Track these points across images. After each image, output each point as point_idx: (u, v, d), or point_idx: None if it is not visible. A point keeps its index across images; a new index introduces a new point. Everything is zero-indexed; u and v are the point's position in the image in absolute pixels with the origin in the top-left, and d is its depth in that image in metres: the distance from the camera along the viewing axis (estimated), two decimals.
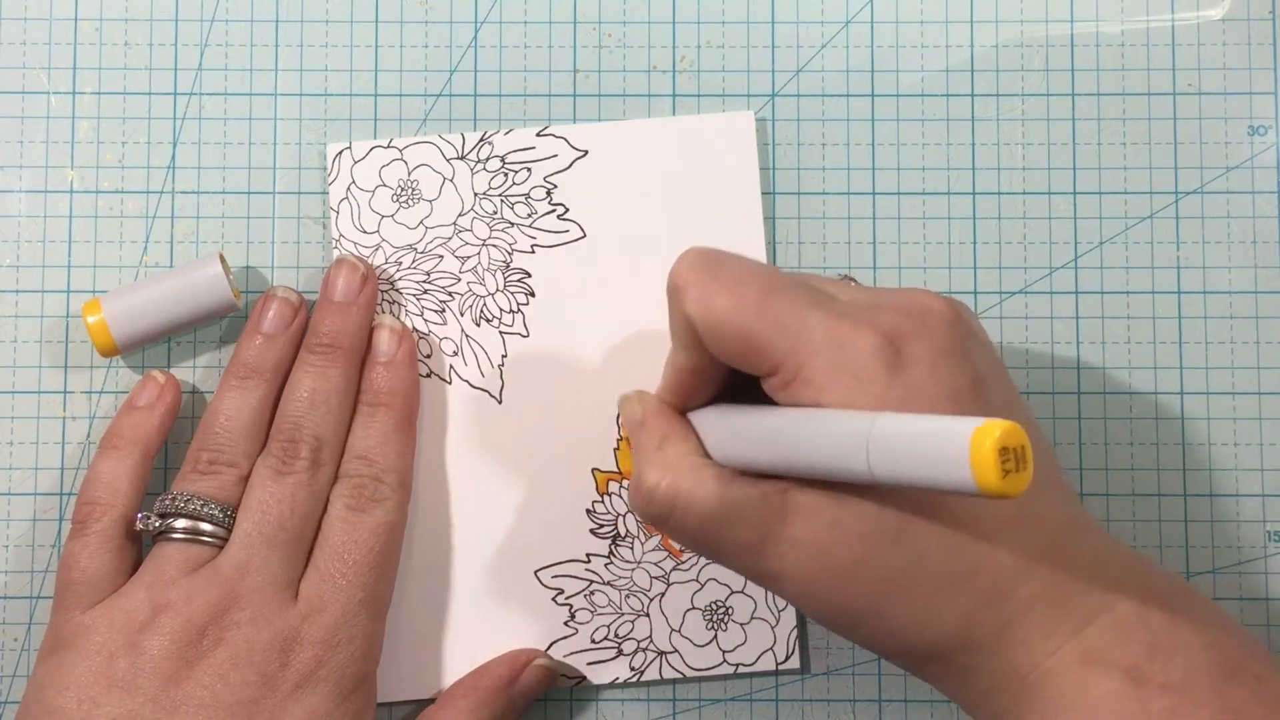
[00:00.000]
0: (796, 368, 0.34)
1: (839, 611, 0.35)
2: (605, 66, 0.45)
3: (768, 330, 0.34)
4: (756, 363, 0.34)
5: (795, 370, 0.34)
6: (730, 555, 0.35)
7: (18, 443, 0.44)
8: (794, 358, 0.34)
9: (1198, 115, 0.45)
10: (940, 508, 0.33)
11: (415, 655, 0.43)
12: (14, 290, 0.44)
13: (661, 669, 0.43)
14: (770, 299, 0.34)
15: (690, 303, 0.35)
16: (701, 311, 0.35)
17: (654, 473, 0.36)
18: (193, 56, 0.45)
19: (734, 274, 0.35)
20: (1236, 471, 0.44)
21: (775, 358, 0.34)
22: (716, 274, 0.35)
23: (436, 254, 0.44)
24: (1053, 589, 0.34)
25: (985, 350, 0.36)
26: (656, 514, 0.36)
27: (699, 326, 0.35)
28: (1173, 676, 0.33)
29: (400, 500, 0.41)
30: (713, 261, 0.35)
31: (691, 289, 0.35)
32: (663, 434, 0.37)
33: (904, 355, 0.34)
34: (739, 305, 0.34)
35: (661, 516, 0.36)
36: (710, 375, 0.37)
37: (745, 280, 0.35)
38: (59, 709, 0.38)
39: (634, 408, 0.39)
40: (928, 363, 0.34)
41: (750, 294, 0.34)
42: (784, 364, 0.34)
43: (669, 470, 0.35)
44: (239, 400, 0.41)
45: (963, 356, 0.34)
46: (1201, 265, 0.45)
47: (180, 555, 0.39)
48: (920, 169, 0.45)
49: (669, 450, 0.36)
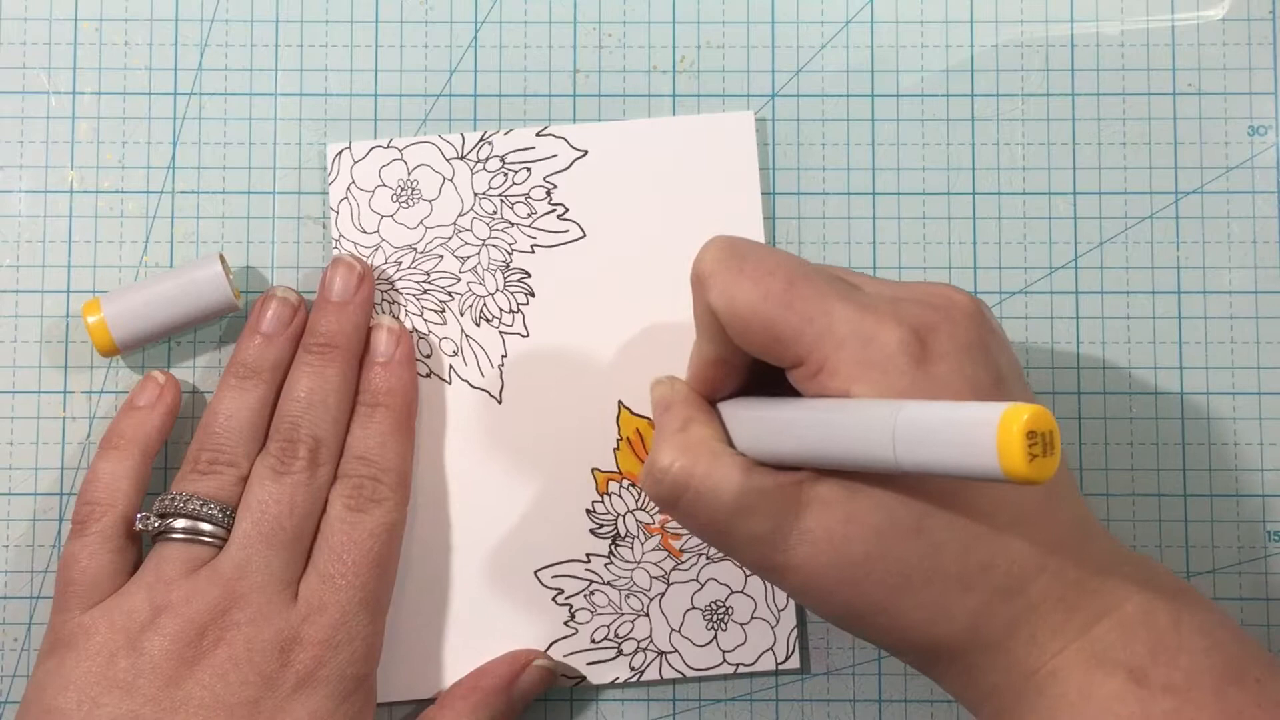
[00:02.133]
0: (822, 359, 0.34)
1: (848, 606, 0.34)
2: (605, 66, 0.45)
3: (793, 321, 0.34)
4: (781, 353, 0.34)
5: (821, 362, 0.34)
6: (740, 546, 0.35)
7: (18, 443, 0.44)
8: (819, 350, 0.34)
9: (1198, 115, 0.45)
10: (957, 501, 0.33)
11: (415, 655, 0.43)
12: (14, 290, 0.44)
13: (661, 669, 0.43)
14: (795, 289, 0.34)
15: (715, 293, 0.35)
16: (726, 302, 0.34)
17: (669, 453, 0.35)
18: (193, 56, 0.45)
19: (759, 264, 0.34)
20: (1236, 471, 0.44)
21: (800, 349, 0.34)
22: (742, 264, 0.35)
23: (436, 254, 0.44)
24: (1062, 588, 0.34)
25: (1005, 348, 0.36)
26: (666, 495, 0.35)
27: (723, 317, 0.35)
28: (1175, 678, 0.33)
29: (399, 500, 0.41)
30: (738, 251, 0.35)
31: (716, 279, 0.35)
32: (686, 417, 0.36)
33: (929, 349, 0.33)
34: (764, 296, 0.34)
35: (671, 498, 0.35)
36: (735, 366, 0.37)
37: (771, 270, 0.34)
38: (59, 709, 0.38)
39: (664, 390, 0.38)
40: (952, 357, 0.34)
41: (775, 285, 0.34)
42: (809, 356, 0.34)
43: (687, 452, 0.35)
44: (238, 400, 0.41)
45: (985, 352, 0.34)
46: (1201, 265, 0.45)
47: (180, 555, 0.39)
48: (920, 169, 0.45)
49: (691, 433, 0.36)
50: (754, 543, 0.35)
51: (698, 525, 0.35)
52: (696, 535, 0.36)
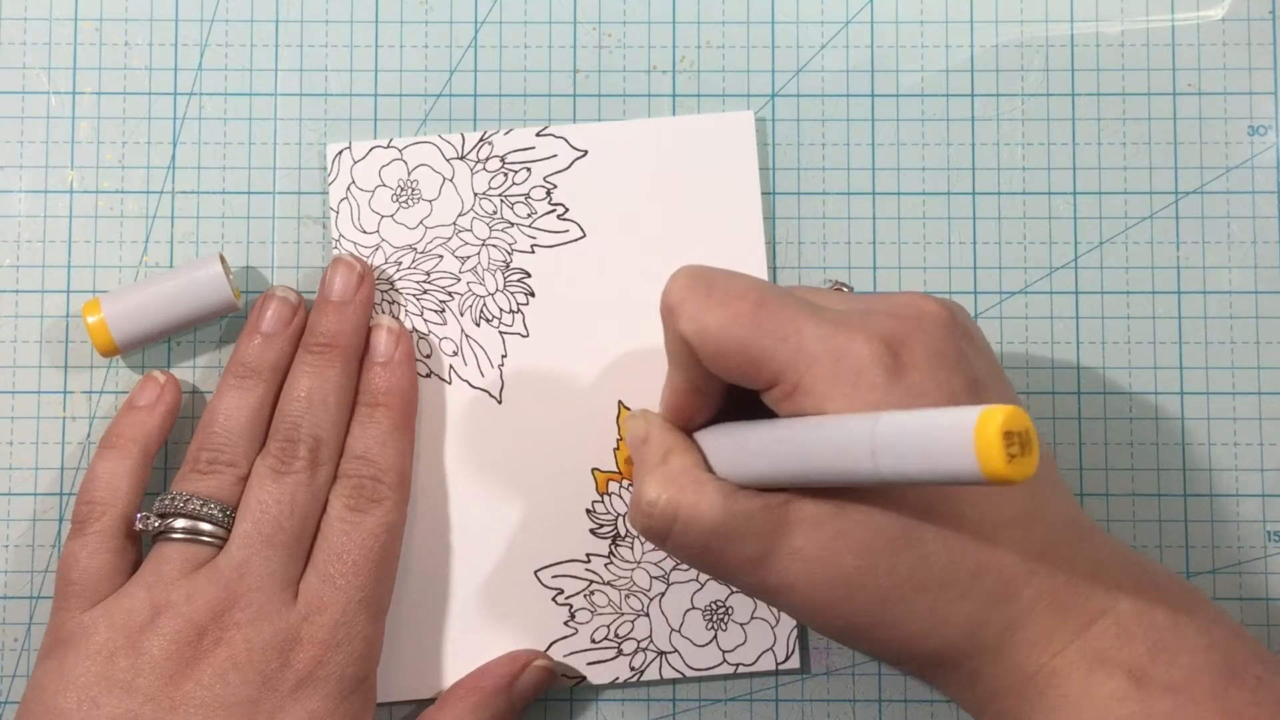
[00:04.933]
0: (796, 379, 0.34)
1: (845, 622, 0.35)
2: (605, 66, 0.45)
3: (764, 342, 0.34)
4: (755, 376, 0.34)
5: (795, 381, 0.34)
6: (733, 571, 0.35)
7: (18, 443, 0.44)
8: (793, 369, 0.34)
9: (1198, 115, 0.45)
10: (943, 510, 0.34)
11: (415, 655, 0.43)
12: (14, 290, 0.44)
13: (661, 669, 0.43)
14: (765, 311, 0.34)
15: (685, 320, 0.35)
16: (697, 328, 0.34)
17: (654, 487, 0.35)
18: (193, 56, 0.45)
19: (727, 289, 0.35)
20: (1236, 471, 0.44)
21: (774, 370, 0.34)
22: (710, 290, 0.35)
23: (436, 254, 0.44)
24: (1056, 589, 0.34)
25: (981, 352, 0.36)
26: (657, 528, 0.35)
27: (695, 344, 0.35)
28: (1175, 677, 0.33)
29: (399, 500, 0.41)
30: (706, 278, 0.35)
31: (686, 306, 0.35)
32: (666, 448, 0.37)
33: (902, 360, 0.34)
34: (734, 319, 0.34)
35: (662, 531, 0.35)
36: (709, 393, 0.37)
37: (740, 294, 0.34)
38: (59, 709, 0.38)
39: (638, 424, 0.38)
40: (926, 366, 0.34)
41: (744, 307, 0.34)
42: (783, 376, 0.34)
43: (671, 484, 0.35)
44: (238, 400, 0.41)
45: (958, 358, 0.34)
46: (1201, 265, 0.45)
47: (180, 555, 0.39)
48: (920, 169, 0.45)
49: (672, 464, 0.36)
50: (747, 566, 0.35)
51: (689, 555, 0.36)
52: (690, 565, 0.37)
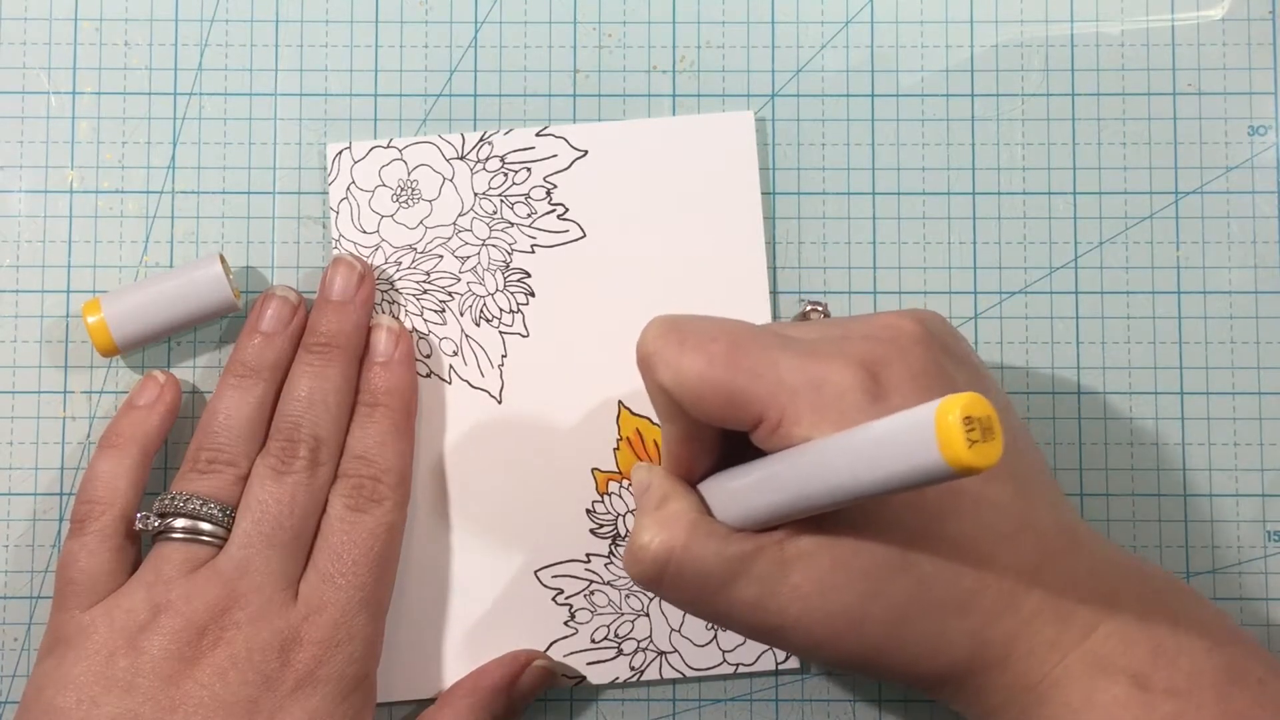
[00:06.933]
0: (779, 413, 0.33)
1: (849, 653, 0.34)
2: (605, 66, 0.45)
3: (741, 381, 0.34)
4: (739, 416, 0.34)
5: (779, 416, 0.33)
6: (733, 614, 0.35)
7: (18, 443, 0.44)
8: (774, 403, 0.33)
9: (1198, 115, 0.45)
10: (938, 530, 0.34)
11: (415, 655, 0.43)
12: (14, 290, 0.44)
13: (661, 669, 0.43)
14: (739, 350, 0.34)
15: (661, 369, 0.34)
16: (673, 375, 0.34)
17: (648, 530, 0.35)
18: (193, 56, 0.45)
19: (700, 333, 0.34)
20: (1236, 471, 0.44)
21: (756, 408, 0.34)
22: (683, 337, 0.34)
23: (436, 254, 0.44)
24: (1055, 599, 0.34)
25: (962, 363, 0.36)
26: (649, 572, 0.35)
27: (675, 392, 0.34)
28: (1177, 681, 0.33)
29: (399, 500, 0.41)
30: (677, 326, 0.35)
31: (660, 356, 0.34)
32: (663, 494, 0.36)
33: (882, 382, 0.34)
34: (709, 362, 0.34)
35: (655, 574, 0.35)
36: (703, 440, 0.36)
37: (713, 337, 0.34)
38: (59, 708, 0.38)
39: (641, 475, 0.38)
40: (907, 386, 0.34)
41: (718, 350, 0.34)
42: (766, 412, 0.33)
43: (665, 527, 0.35)
44: (238, 399, 0.41)
45: (939, 374, 0.34)
46: (1201, 265, 0.45)
47: (180, 555, 0.39)
48: (920, 169, 0.45)
49: (668, 508, 0.35)
50: (747, 609, 0.34)
51: (686, 599, 0.35)
52: (689, 612, 0.36)
